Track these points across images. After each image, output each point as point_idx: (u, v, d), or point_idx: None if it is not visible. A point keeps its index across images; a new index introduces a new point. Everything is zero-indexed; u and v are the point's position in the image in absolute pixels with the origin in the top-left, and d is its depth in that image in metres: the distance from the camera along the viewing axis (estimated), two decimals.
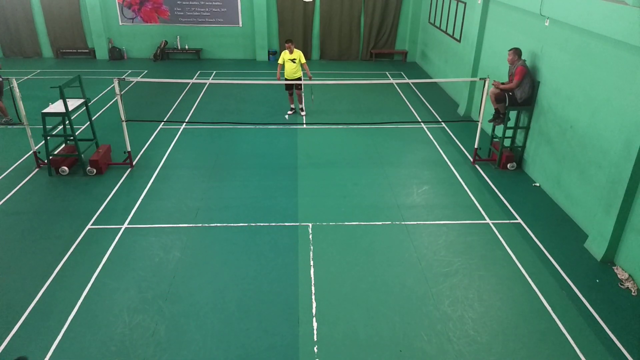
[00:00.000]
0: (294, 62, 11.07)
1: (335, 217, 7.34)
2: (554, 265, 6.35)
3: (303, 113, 11.72)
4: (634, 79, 5.98)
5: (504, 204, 7.81)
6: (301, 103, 11.83)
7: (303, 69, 11.30)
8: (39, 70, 15.35)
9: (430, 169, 9.00)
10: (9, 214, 7.37)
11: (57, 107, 8.30)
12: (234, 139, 10.25)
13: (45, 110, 8.26)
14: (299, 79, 11.28)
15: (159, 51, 16.81)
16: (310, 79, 11.37)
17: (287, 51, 11.02)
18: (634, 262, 6.05)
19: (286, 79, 11.27)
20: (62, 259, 6.32)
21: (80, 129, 10.38)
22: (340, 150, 9.75)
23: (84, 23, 16.71)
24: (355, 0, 16.62)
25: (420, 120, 11.40)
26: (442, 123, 11.27)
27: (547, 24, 8.02)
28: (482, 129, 9.31)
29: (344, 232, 7.01)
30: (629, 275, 6.08)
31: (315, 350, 5.00)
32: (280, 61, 11.13)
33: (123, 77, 8.96)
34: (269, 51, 17.20)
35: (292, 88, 11.53)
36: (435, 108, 12.40)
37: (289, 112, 11.81)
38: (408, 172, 8.88)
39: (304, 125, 11.01)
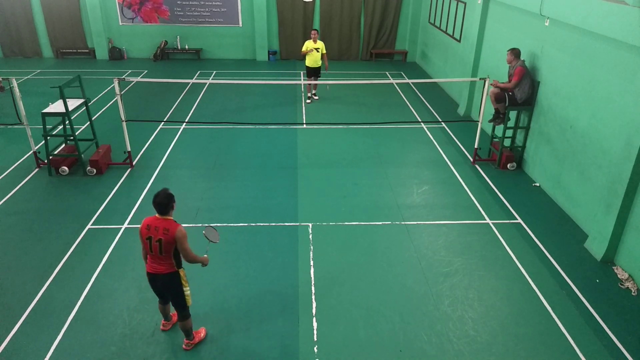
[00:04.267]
0: (318, 51, 12.02)
1: (335, 217, 7.34)
2: (554, 265, 6.35)
3: (316, 97, 12.83)
4: (634, 79, 5.98)
5: (504, 204, 7.81)
6: (315, 89, 12.94)
7: (323, 59, 12.27)
8: (39, 70, 15.35)
9: (430, 169, 9.00)
10: (9, 214, 7.37)
11: (57, 107, 8.30)
12: (234, 139, 10.25)
13: (45, 110, 8.26)
14: (319, 68, 12.31)
15: (159, 51, 16.81)
16: (326, 69, 12.44)
17: (311, 40, 11.99)
18: (634, 262, 6.05)
19: (307, 67, 12.33)
20: (62, 259, 6.33)
21: (80, 129, 10.38)
22: (340, 150, 9.75)
23: (84, 23, 16.71)
24: (355, 0, 16.62)
25: (420, 120, 11.40)
26: (442, 123, 11.27)
27: (547, 24, 8.02)
28: (482, 129, 9.31)
29: (344, 232, 7.01)
30: (629, 275, 6.08)
31: (315, 350, 5.00)
32: (304, 49, 12.06)
33: (123, 77, 8.96)
34: (269, 51, 17.19)
35: (312, 76, 12.41)
36: (435, 108, 12.40)
37: (308, 101, 12.66)
38: (408, 172, 8.88)
39: (304, 125, 11.01)
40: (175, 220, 4.60)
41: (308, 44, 12.01)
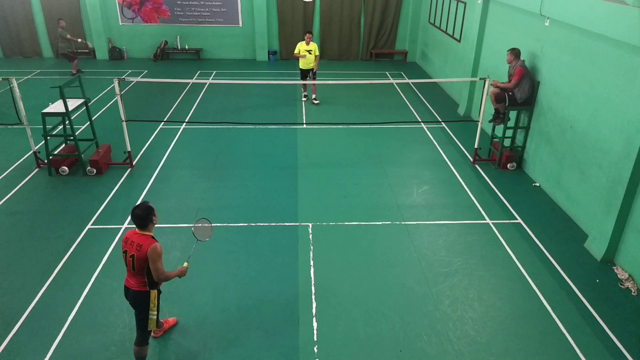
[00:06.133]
0: (310, 54, 11.91)
1: (335, 217, 7.34)
2: (554, 265, 6.35)
3: (316, 102, 12.57)
4: (634, 79, 5.98)
5: (504, 204, 7.81)
6: (314, 93, 12.61)
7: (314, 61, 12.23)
8: (39, 70, 15.34)
9: (430, 169, 9.00)
10: (9, 214, 7.36)
11: (57, 107, 8.30)
12: (234, 139, 10.25)
13: (45, 110, 8.26)
14: (313, 69, 12.23)
15: (159, 51, 16.81)
16: (314, 70, 12.18)
17: (304, 42, 11.88)
18: (634, 262, 6.05)
19: (301, 69, 12.25)
20: (62, 259, 6.32)
21: (80, 129, 10.38)
22: (340, 150, 9.75)
23: (84, 23, 16.70)
24: (355, 0, 16.63)
25: (420, 120, 11.40)
26: (442, 123, 11.27)
27: (547, 24, 8.02)
28: (482, 129, 9.31)
29: (344, 232, 7.01)
30: (629, 275, 6.08)
31: (315, 350, 5.00)
32: (296, 51, 11.97)
33: (123, 77, 8.95)
34: (269, 51, 17.19)
35: (306, 77, 12.33)
36: (435, 108, 12.40)
37: (303, 99, 12.66)
38: (408, 172, 8.88)
39: (304, 125, 11.01)
40: (154, 236, 4.37)
41: (300, 46, 11.86)
